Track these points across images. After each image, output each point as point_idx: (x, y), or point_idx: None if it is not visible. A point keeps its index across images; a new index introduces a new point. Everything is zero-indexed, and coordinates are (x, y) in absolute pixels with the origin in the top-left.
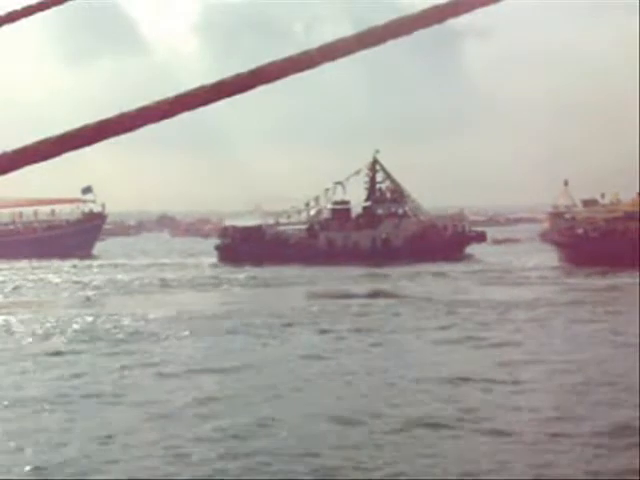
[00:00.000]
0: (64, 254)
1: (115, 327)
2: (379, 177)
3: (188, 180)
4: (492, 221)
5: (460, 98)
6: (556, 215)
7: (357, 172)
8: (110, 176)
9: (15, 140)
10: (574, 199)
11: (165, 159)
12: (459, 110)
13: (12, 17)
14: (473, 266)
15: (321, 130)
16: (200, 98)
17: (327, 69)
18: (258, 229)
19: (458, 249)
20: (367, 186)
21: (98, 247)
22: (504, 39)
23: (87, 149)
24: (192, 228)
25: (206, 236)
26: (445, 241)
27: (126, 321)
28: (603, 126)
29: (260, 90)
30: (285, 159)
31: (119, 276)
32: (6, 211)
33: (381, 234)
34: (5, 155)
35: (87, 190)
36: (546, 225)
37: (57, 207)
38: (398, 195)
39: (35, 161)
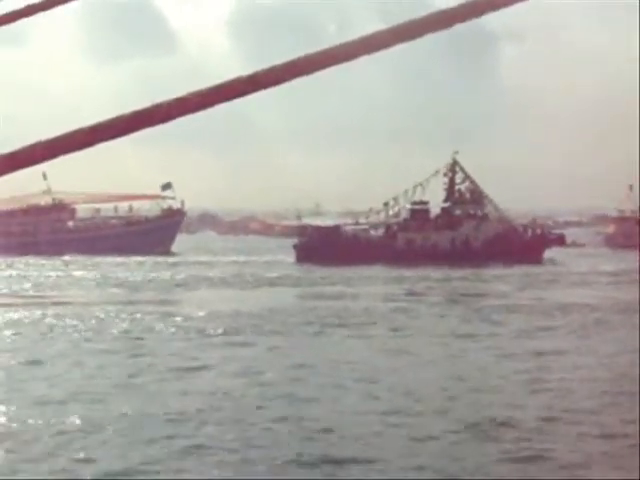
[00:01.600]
0: (143, 250)
1: None
2: (458, 178)
3: (224, 177)
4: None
5: (494, 101)
6: (622, 220)
7: (436, 173)
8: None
9: (39, 134)
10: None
11: (202, 156)
12: (493, 114)
13: (13, 17)
14: (560, 269)
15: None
16: (235, 90)
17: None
18: (336, 229)
19: (538, 252)
20: (446, 187)
21: None
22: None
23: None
24: (237, 226)
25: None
26: (525, 244)
27: None
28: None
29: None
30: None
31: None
32: (86, 206)
33: (461, 235)
34: (39, 144)
35: (167, 186)
36: (611, 229)
37: (135, 203)
38: (477, 196)
39: (70, 150)
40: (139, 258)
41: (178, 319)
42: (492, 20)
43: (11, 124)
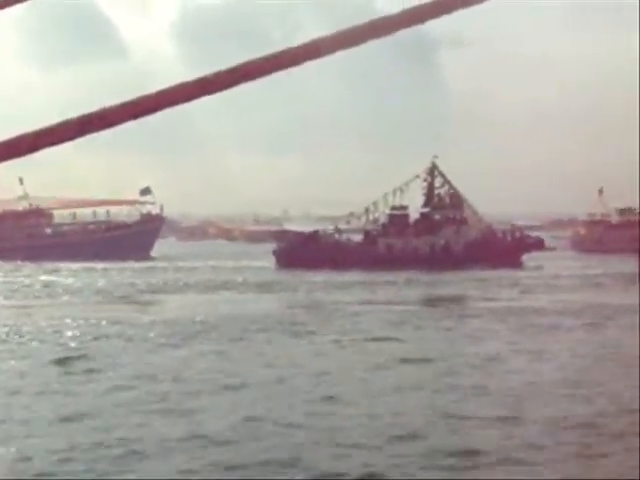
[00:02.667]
0: (122, 256)
1: None
2: (437, 182)
3: (175, 183)
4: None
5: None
6: (593, 223)
7: (415, 177)
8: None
9: None
10: (608, 207)
11: (152, 162)
12: (439, 118)
13: None
14: (544, 272)
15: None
16: (182, 94)
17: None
18: (315, 234)
19: (517, 256)
20: (425, 191)
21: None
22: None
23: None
24: (196, 232)
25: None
26: (505, 248)
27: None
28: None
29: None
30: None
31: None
32: (65, 212)
33: (441, 240)
34: None
35: (146, 191)
36: (581, 233)
37: (112, 209)
38: (457, 200)
39: (13, 156)
40: (119, 264)
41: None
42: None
43: None
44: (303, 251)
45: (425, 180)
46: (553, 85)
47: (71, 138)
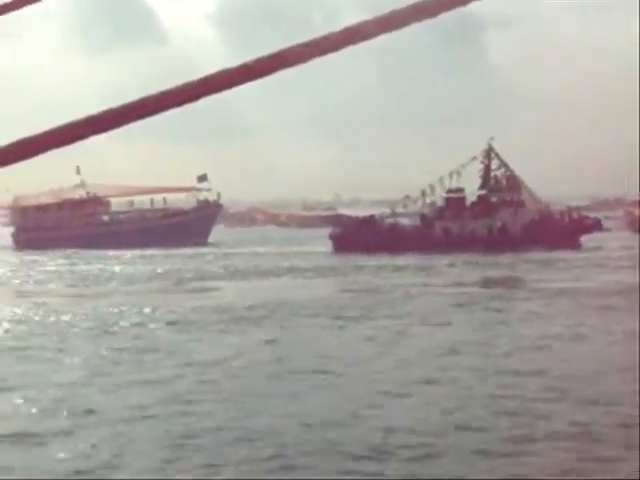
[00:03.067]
0: (180, 243)
1: None
2: (494, 165)
3: (220, 169)
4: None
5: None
6: None
7: (472, 159)
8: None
9: (33, 127)
10: None
11: (193, 149)
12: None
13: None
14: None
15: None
16: (223, 81)
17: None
18: (372, 218)
19: (576, 237)
20: (481, 174)
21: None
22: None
23: None
24: (244, 218)
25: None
26: (563, 229)
27: None
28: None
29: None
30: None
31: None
32: (122, 200)
33: (498, 223)
34: (27, 139)
35: (202, 178)
36: (635, 212)
37: (169, 196)
38: (514, 183)
39: (61, 144)
40: (178, 250)
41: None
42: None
43: (6, 117)
44: (360, 235)
45: (482, 162)
46: (598, 64)
47: (116, 126)
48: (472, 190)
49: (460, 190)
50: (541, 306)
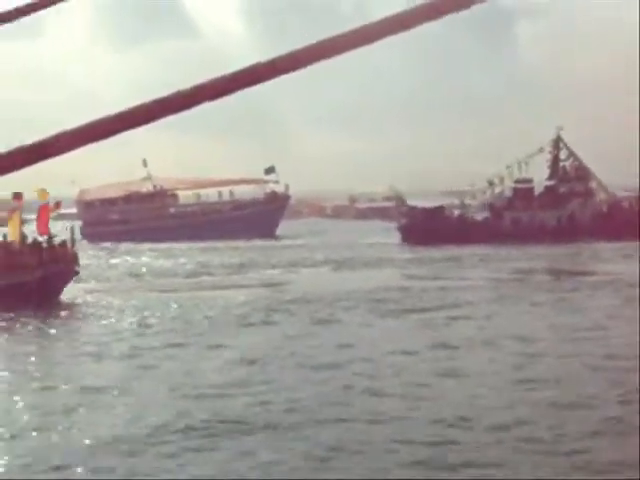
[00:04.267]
0: (248, 236)
1: None
2: (562, 155)
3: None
4: None
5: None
6: None
7: (540, 150)
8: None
9: (66, 119)
10: None
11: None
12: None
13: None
14: None
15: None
16: (256, 75)
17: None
18: (441, 209)
19: None
20: (549, 164)
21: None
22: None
23: None
24: (292, 210)
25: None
26: (633, 219)
27: None
28: None
29: None
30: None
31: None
32: (189, 193)
33: (567, 213)
34: (64, 134)
35: (270, 170)
36: None
37: (236, 188)
38: (582, 173)
39: (95, 139)
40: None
41: None
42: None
43: (32, 111)
44: (428, 227)
45: (550, 152)
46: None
47: (148, 121)
48: (539, 180)
49: (528, 180)
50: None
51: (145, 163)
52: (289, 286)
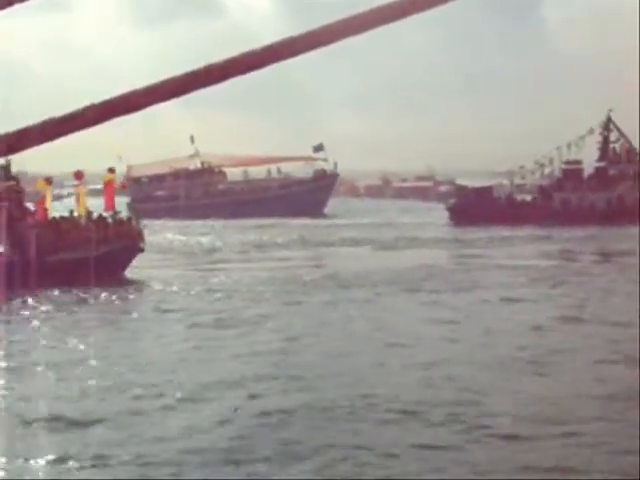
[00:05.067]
0: (296, 213)
1: None
2: (612, 137)
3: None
4: None
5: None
6: None
7: (590, 131)
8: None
9: (91, 95)
10: None
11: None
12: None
13: None
14: None
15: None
16: (289, 50)
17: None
18: (490, 190)
19: None
20: (600, 146)
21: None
22: None
23: None
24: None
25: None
26: None
27: None
28: None
29: None
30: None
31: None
32: (237, 170)
33: (616, 195)
34: (92, 107)
35: (319, 148)
36: None
37: (284, 166)
38: (632, 155)
39: (123, 113)
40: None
41: None
42: None
43: (59, 85)
44: (477, 207)
45: (600, 134)
46: None
47: (178, 95)
48: (589, 162)
49: (578, 162)
50: None
51: (192, 140)
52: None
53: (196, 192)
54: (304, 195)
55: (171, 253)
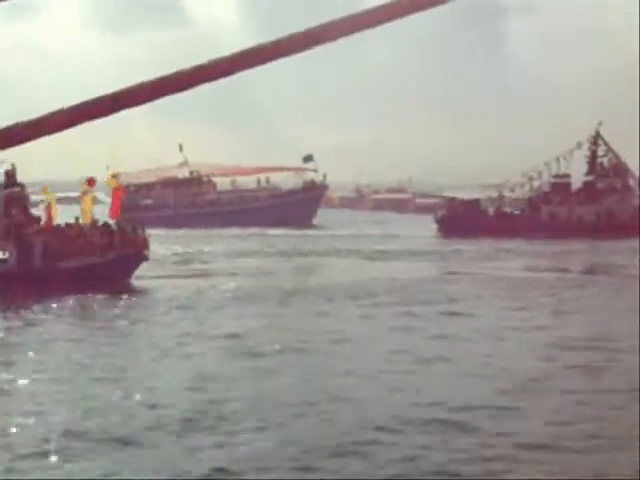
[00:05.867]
0: (284, 223)
1: None
2: (600, 151)
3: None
4: None
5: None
6: None
7: (578, 145)
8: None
9: (57, 102)
10: None
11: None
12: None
13: None
14: None
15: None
16: (258, 57)
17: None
18: (478, 202)
19: None
20: (588, 160)
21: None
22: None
23: None
24: None
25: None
26: None
27: None
28: None
29: None
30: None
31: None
32: (226, 180)
33: (604, 209)
34: (60, 112)
35: (308, 159)
36: None
37: (272, 176)
38: (620, 169)
39: (92, 117)
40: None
41: None
42: None
43: (23, 90)
44: (466, 219)
45: (589, 149)
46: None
47: (146, 101)
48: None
49: (566, 176)
50: None
51: (181, 148)
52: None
53: (185, 201)
54: (294, 205)
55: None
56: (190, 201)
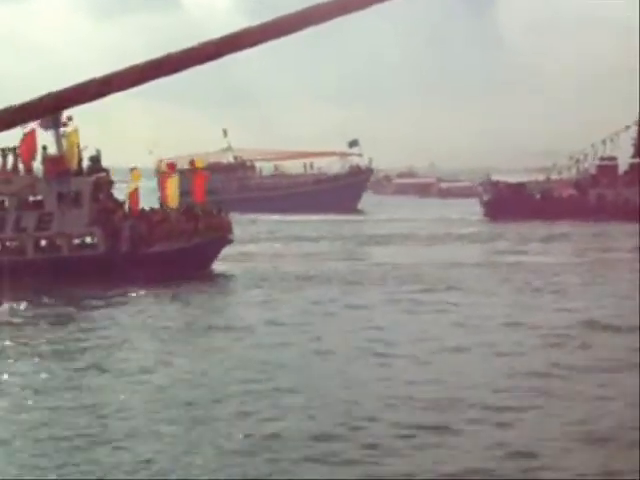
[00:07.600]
0: (329, 209)
1: None
2: None
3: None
4: None
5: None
6: None
7: (626, 128)
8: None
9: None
10: None
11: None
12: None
13: None
14: None
15: None
16: (246, 40)
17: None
18: (524, 186)
19: None
20: (634, 142)
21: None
22: None
23: None
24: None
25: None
26: None
27: None
28: None
29: None
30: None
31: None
32: (269, 164)
33: None
34: (49, 95)
35: (354, 143)
36: None
37: (316, 161)
38: None
39: (81, 101)
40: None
41: None
42: None
43: (13, 77)
44: (513, 202)
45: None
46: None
47: (137, 84)
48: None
49: (613, 158)
50: None
51: (225, 133)
52: None
53: (230, 187)
54: (339, 191)
55: None
56: (235, 186)
